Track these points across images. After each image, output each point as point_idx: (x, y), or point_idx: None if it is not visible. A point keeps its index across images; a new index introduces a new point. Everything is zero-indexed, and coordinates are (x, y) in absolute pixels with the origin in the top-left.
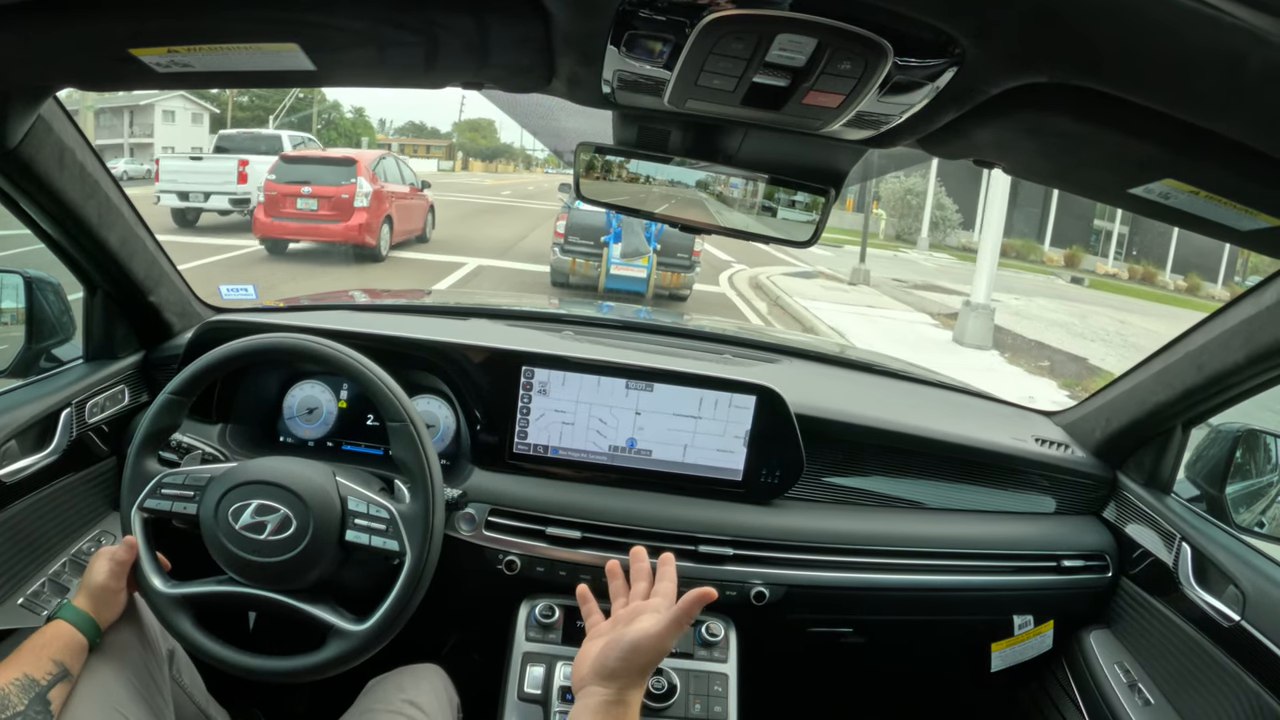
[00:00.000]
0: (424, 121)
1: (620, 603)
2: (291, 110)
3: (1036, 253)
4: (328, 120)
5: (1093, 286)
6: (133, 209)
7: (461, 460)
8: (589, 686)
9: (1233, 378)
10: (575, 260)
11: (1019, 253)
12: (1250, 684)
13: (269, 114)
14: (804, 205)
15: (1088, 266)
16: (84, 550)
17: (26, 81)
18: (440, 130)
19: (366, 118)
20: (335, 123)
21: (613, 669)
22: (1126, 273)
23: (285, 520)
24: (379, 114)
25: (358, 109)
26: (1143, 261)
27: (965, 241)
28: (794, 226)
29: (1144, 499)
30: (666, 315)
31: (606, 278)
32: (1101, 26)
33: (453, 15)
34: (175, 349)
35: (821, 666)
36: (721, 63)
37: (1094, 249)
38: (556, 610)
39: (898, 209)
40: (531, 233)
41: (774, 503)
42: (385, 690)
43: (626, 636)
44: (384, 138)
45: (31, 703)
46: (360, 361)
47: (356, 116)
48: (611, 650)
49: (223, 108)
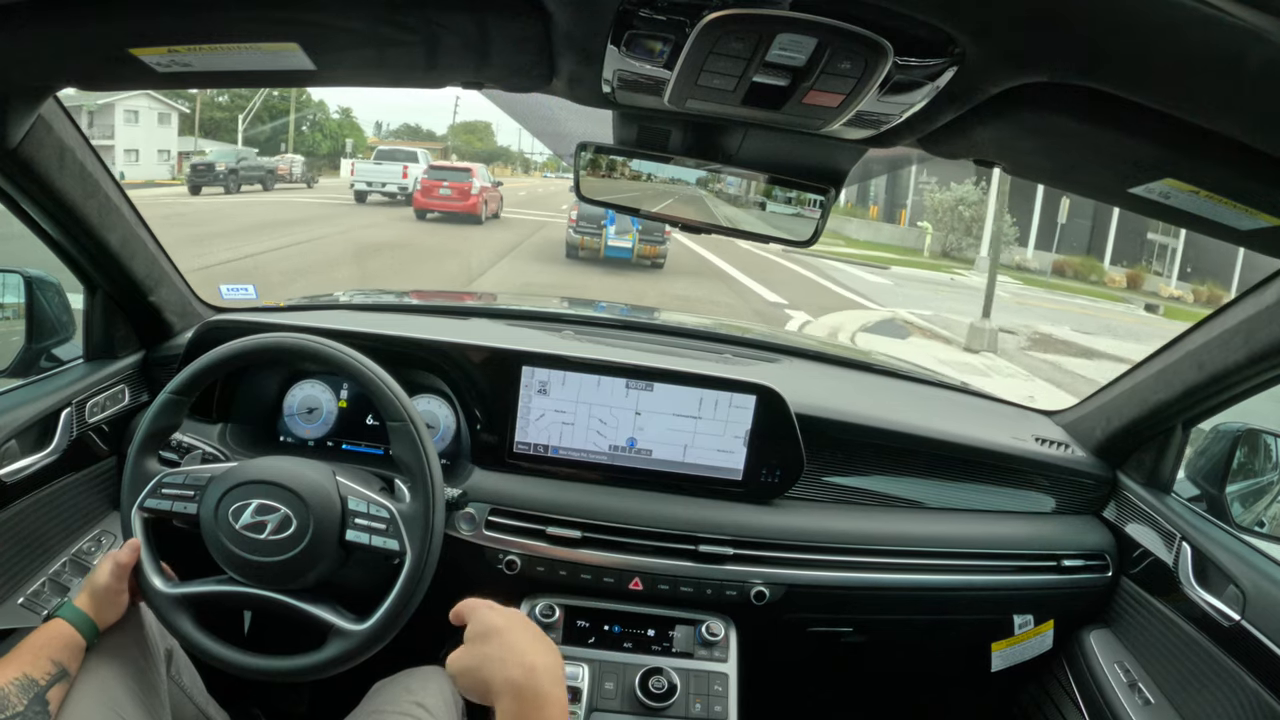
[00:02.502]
0: (419, 124)
1: None
2: (265, 110)
3: (1098, 272)
4: (312, 121)
5: (1167, 315)
6: (133, 209)
7: (461, 460)
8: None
9: (1233, 377)
10: (584, 237)
11: (1078, 272)
12: (1250, 683)
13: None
14: (804, 204)
15: (1150, 288)
16: (84, 550)
17: (27, 81)
18: (436, 133)
19: (354, 119)
20: (320, 124)
21: (481, 693)
22: (1191, 295)
23: (285, 520)
24: (376, 115)
25: (344, 109)
26: (1206, 281)
27: (1020, 259)
28: (794, 225)
29: (1144, 498)
30: (667, 315)
31: (605, 249)
32: (1101, 26)
33: (452, 15)
34: (175, 349)
35: (821, 666)
36: (721, 62)
37: (1152, 267)
38: (557, 610)
39: (946, 222)
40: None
41: (774, 502)
42: (393, 692)
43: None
44: (376, 140)
45: (31, 703)
46: (361, 361)
47: (343, 118)
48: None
49: (194, 106)
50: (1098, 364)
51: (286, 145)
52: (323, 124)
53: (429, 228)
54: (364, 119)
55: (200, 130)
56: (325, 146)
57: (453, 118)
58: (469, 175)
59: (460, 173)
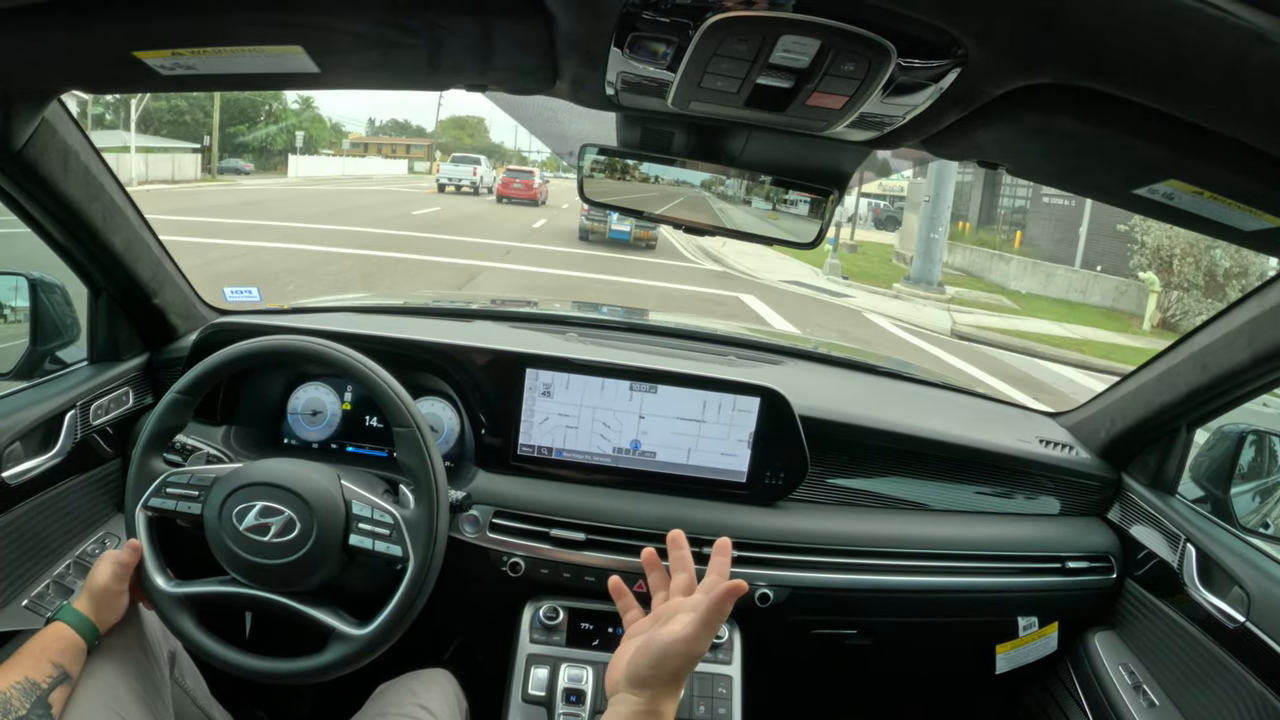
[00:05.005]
0: (408, 120)
1: (660, 596)
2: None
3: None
4: (268, 112)
5: None
6: (137, 211)
7: (465, 462)
8: (621, 693)
9: (1237, 378)
10: (593, 223)
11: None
12: (1255, 685)
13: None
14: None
15: None
16: (88, 552)
17: (31, 85)
18: (426, 129)
19: (316, 109)
20: (277, 115)
21: (644, 677)
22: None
23: (289, 523)
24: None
25: (305, 99)
26: None
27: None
28: (799, 228)
29: (1149, 500)
30: (670, 317)
31: (610, 232)
32: (1104, 27)
33: (456, 18)
34: (180, 351)
35: (826, 668)
36: (725, 64)
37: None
38: (561, 612)
39: (1184, 274)
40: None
41: (778, 505)
42: (397, 694)
43: (656, 642)
44: (359, 136)
45: (34, 706)
46: (366, 365)
47: (304, 108)
48: (642, 657)
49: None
50: None
51: (210, 139)
52: (279, 115)
53: (503, 208)
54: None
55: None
56: (280, 141)
57: (437, 114)
58: (532, 175)
59: (527, 174)
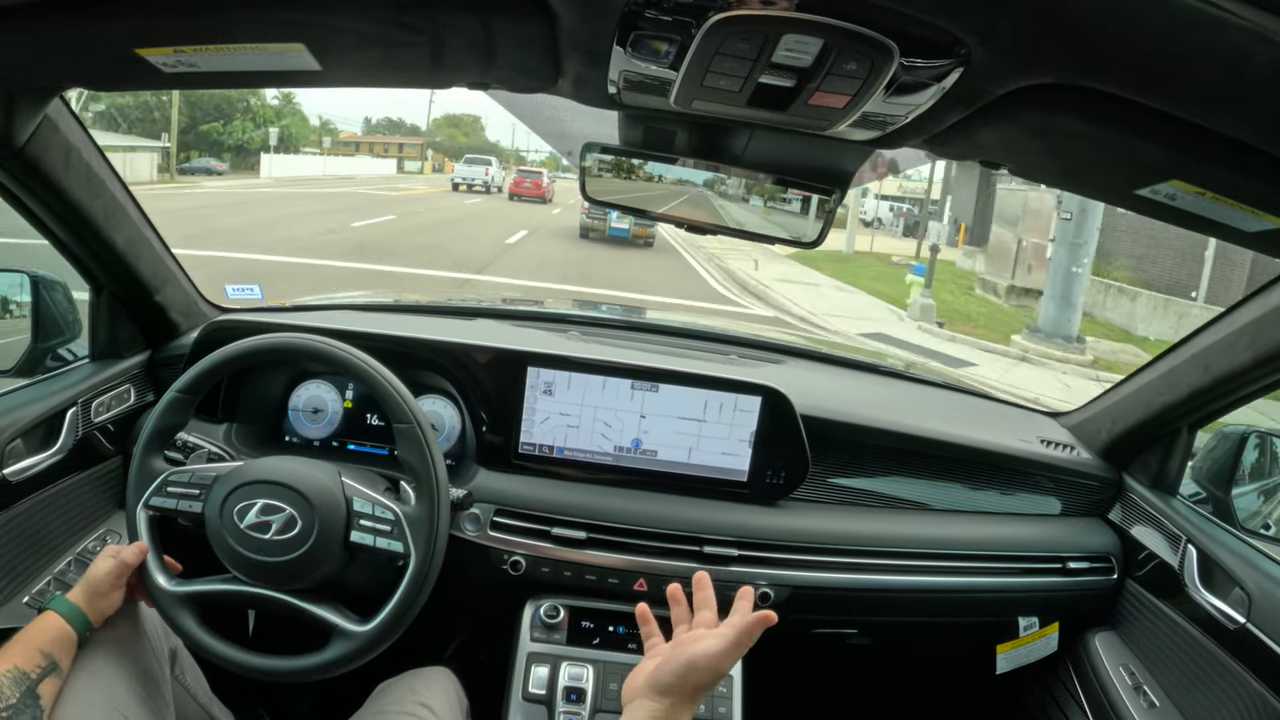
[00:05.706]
0: (402, 118)
1: (683, 628)
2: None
3: None
4: (245, 108)
5: None
6: (139, 209)
7: (467, 460)
8: (640, 699)
9: (1239, 379)
10: (594, 221)
11: None
12: (1255, 686)
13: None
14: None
15: None
16: (89, 549)
17: (33, 81)
18: (421, 127)
19: (296, 104)
20: (255, 111)
21: (667, 684)
22: None
23: (290, 520)
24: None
25: (286, 94)
26: None
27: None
28: (801, 227)
29: (1150, 501)
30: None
31: (609, 229)
32: (1107, 28)
33: (458, 16)
34: (181, 348)
35: (826, 668)
36: (727, 63)
37: None
38: (561, 611)
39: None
40: None
41: (779, 504)
42: (398, 692)
43: (685, 652)
44: (352, 134)
45: (23, 696)
46: (367, 363)
47: (283, 103)
48: (667, 665)
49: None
50: None
51: (169, 134)
52: (257, 112)
53: (514, 204)
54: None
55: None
56: (258, 140)
57: (429, 113)
58: (541, 175)
59: (536, 174)
